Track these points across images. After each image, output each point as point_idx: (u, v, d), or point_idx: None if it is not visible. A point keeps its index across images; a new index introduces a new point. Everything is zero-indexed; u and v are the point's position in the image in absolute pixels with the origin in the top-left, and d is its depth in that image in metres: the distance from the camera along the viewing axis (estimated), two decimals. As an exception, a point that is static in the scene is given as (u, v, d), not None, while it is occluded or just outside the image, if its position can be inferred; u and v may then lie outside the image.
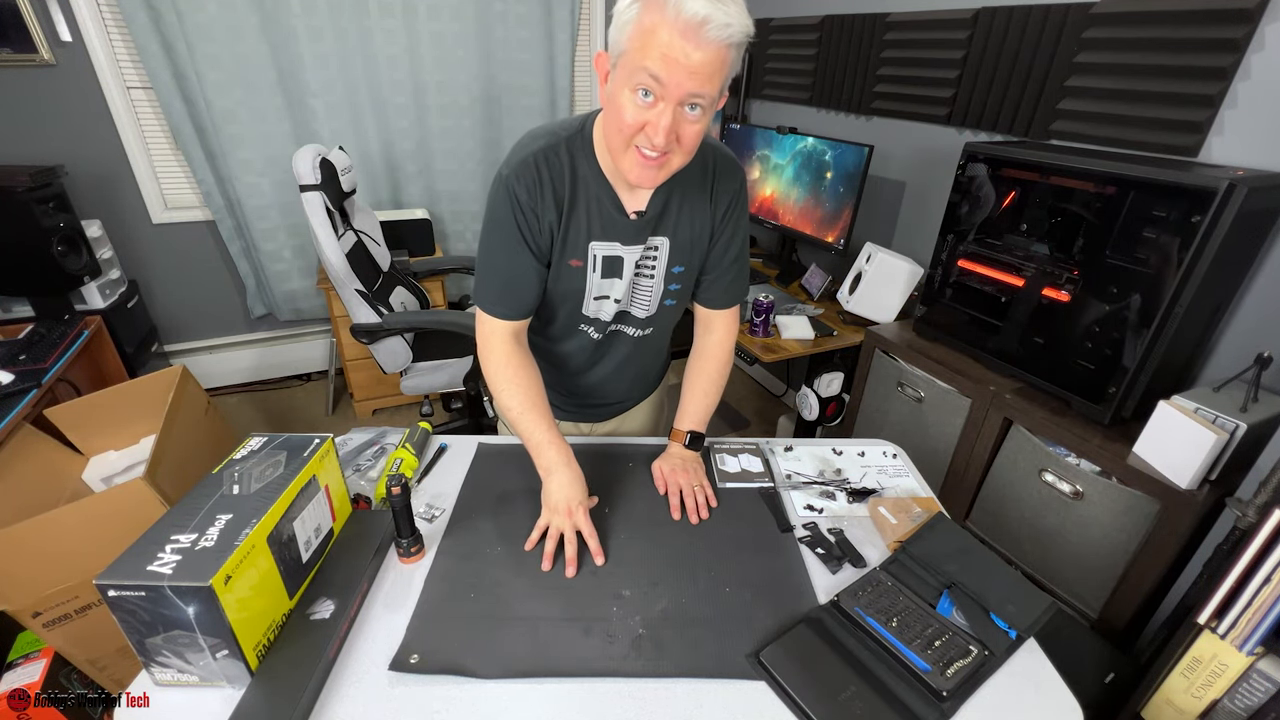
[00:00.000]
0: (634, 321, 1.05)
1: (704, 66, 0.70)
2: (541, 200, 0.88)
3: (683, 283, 1.02)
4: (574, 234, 0.92)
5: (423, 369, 2.09)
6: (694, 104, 0.74)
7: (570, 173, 0.89)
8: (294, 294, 2.85)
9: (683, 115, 0.75)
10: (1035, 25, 1.58)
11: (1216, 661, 1.02)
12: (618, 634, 0.78)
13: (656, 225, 0.94)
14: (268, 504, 0.73)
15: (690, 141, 0.78)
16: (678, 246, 0.97)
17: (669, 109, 0.73)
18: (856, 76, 2.17)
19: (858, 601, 0.83)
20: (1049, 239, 1.39)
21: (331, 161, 1.89)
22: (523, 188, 0.87)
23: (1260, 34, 1.21)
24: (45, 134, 2.28)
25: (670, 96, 0.72)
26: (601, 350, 1.10)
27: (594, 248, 0.93)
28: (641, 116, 0.75)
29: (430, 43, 2.61)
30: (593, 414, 1.23)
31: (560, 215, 0.90)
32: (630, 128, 0.76)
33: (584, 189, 0.90)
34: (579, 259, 0.94)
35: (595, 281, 0.97)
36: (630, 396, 1.23)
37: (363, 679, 0.72)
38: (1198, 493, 1.16)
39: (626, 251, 0.95)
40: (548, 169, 0.88)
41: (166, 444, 1.52)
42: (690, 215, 0.96)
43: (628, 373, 1.15)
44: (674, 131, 0.75)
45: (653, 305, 1.03)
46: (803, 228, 2.28)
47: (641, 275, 0.98)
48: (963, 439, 1.61)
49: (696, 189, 0.94)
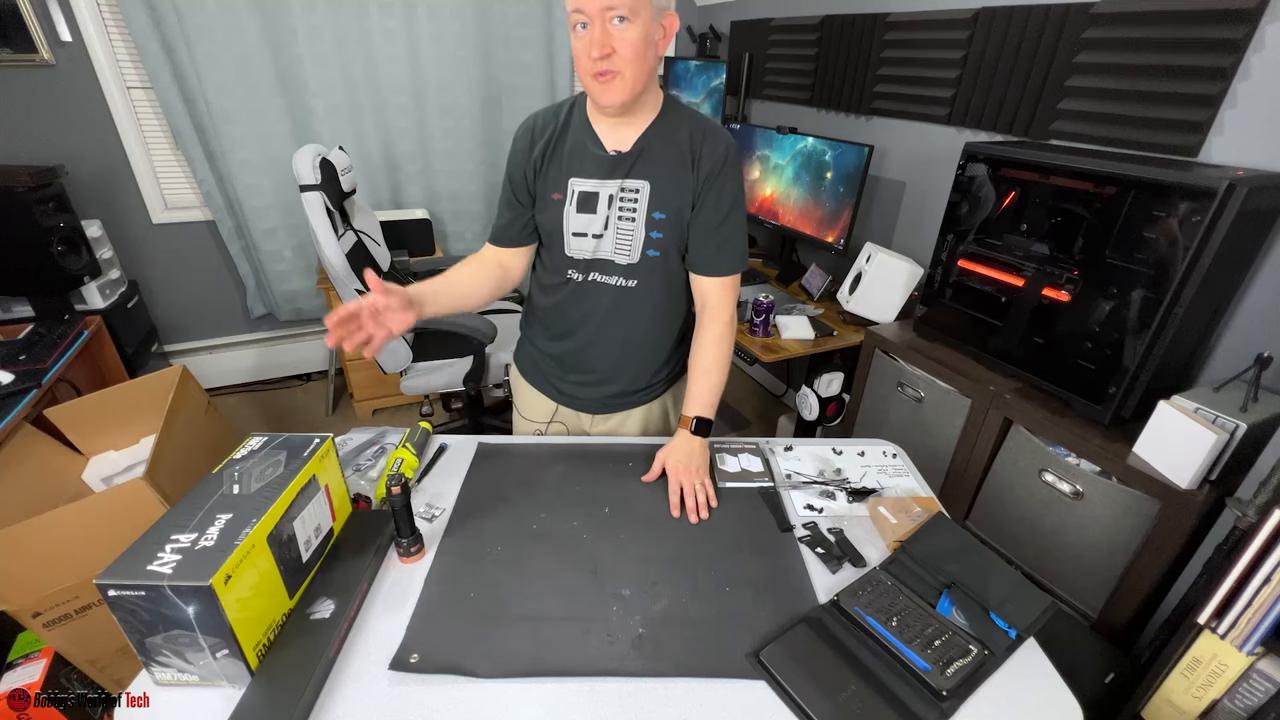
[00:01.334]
0: (616, 270, 1.08)
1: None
2: (531, 143, 1.06)
3: (665, 232, 1.05)
4: (555, 169, 1.05)
5: (423, 369, 2.09)
6: (618, 16, 0.87)
7: (563, 121, 1.05)
8: (294, 294, 2.85)
9: (610, 29, 0.88)
10: (1035, 25, 1.58)
11: (1216, 661, 1.02)
12: (618, 634, 0.78)
13: (635, 165, 1.02)
14: (268, 504, 0.73)
15: (627, 50, 0.89)
16: (658, 191, 1.03)
17: (596, 24, 0.87)
18: (856, 76, 2.17)
19: (858, 601, 0.83)
20: (1049, 239, 1.39)
21: (331, 161, 1.89)
22: (521, 133, 1.08)
23: (1260, 34, 1.21)
24: (45, 134, 2.28)
25: (593, 17, 0.87)
26: (587, 300, 1.12)
27: (573, 183, 1.05)
28: (584, 44, 0.89)
29: (430, 43, 2.61)
30: (585, 402, 1.23)
31: (545, 151, 1.05)
32: (582, 59, 0.91)
33: (572, 133, 1.05)
34: (559, 193, 1.05)
35: (571, 215, 1.05)
36: (620, 376, 1.19)
37: (363, 679, 0.72)
38: (1198, 493, 1.16)
39: (601, 186, 1.03)
40: (544, 118, 1.07)
41: (166, 444, 1.52)
42: (672, 167, 1.03)
43: (615, 334, 1.14)
44: (606, 44, 0.88)
45: (634, 252, 1.06)
46: (803, 228, 2.28)
47: (623, 218, 1.05)
48: (963, 439, 1.61)
49: (680, 144, 1.03)
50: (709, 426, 1.10)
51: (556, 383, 1.23)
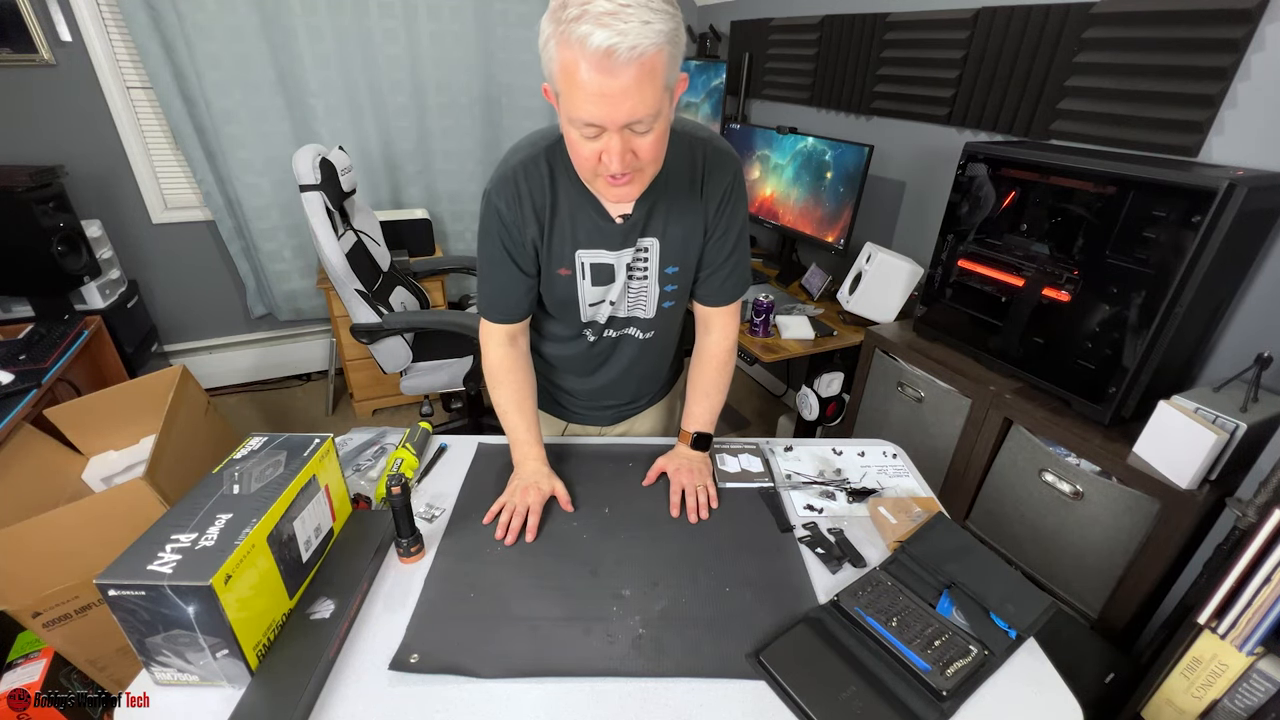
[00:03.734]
0: (638, 324, 1.06)
1: (629, 90, 0.69)
2: (521, 213, 0.91)
3: (678, 283, 1.01)
4: (558, 244, 0.93)
5: (422, 369, 2.09)
6: (638, 124, 0.74)
7: (550, 183, 0.90)
8: (294, 294, 2.85)
9: (631, 136, 0.75)
10: (1035, 25, 1.58)
11: (1216, 661, 1.02)
12: (618, 634, 0.78)
13: (644, 227, 0.94)
14: (268, 504, 0.73)
15: (649, 153, 0.78)
16: (668, 246, 0.96)
17: (615, 137, 0.74)
18: (856, 76, 2.17)
19: (858, 601, 0.83)
20: (1049, 239, 1.39)
21: (331, 161, 1.89)
22: (503, 202, 0.90)
23: (1260, 34, 1.21)
24: (45, 134, 2.28)
25: (612, 127, 0.73)
26: (606, 354, 1.10)
27: (581, 255, 0.94)
28: (594, 149, 0.76)
29: (430, 43, 2.61)
30: (603, 415, 1.23)
31: (542, 227, 0.92)
32: (589, 160, 0.78)
33: (565, 198, 0.91)
34: (567, 268, 0.95)
35: (586, 289, 0.98)
36: (640, 396, 1.23)
37: (363, 679, 0.72)
38: (1198, 493, 1.16)
39: (615, 257, 0.95)
40: (526, 182, 0.89)
41: (166, 444, 1.52)
42: (680, 214, 0.94)
43: (635, 374, 1.15)
44: (628, 153, 0.76)
45: (651, 308, 1.03)
46: (803, 228, 2.28)
47: (634, 278, 0.98)
48: (963, 439, 1.61)
49: (684, 188, 0.93)
50: (709, 440, 1.10)
51: (568, 404, 1.22)
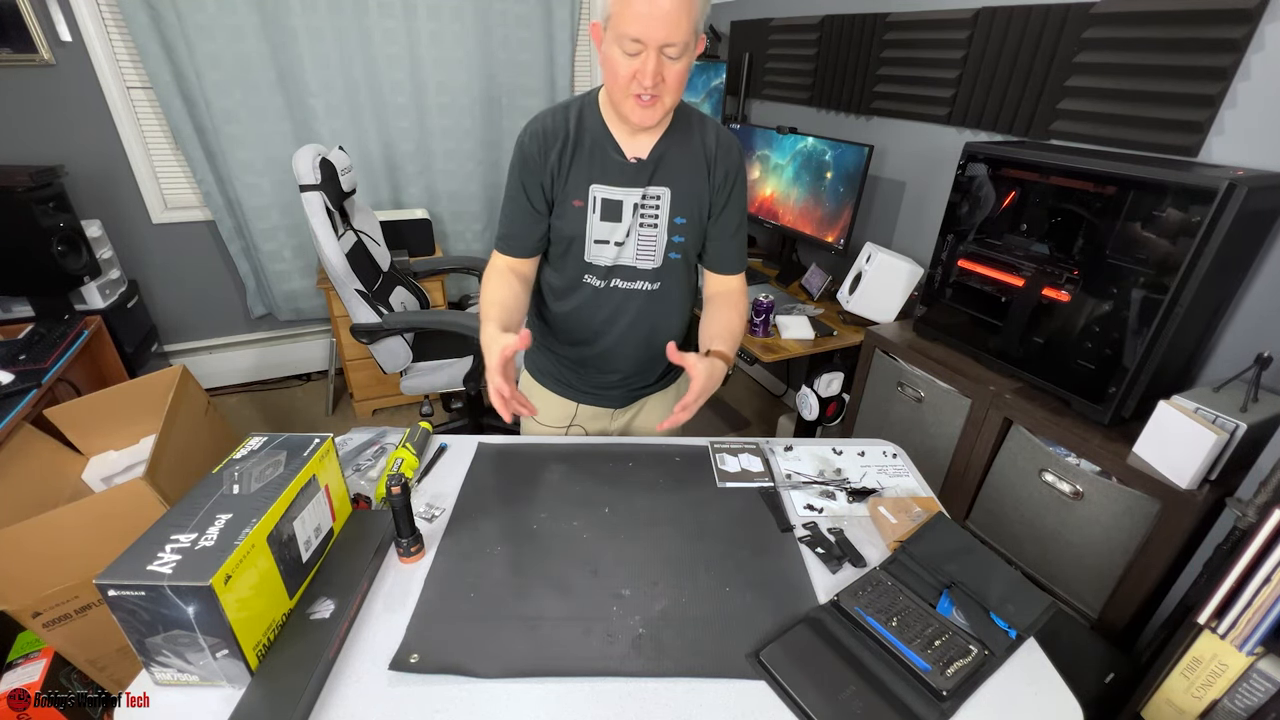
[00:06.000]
0: (641, 275, 1.10)
1: (670, 13, 0.85)
2: (546, 147, 1.02)
3: (686, 236, 1.08)
4: (576, 175, 1.03)
5: (423, 369, 2.09)
6: (671, 48, 0.88)
7: (576, 123, 1.02)
8: (294, 294, 2.85)
9: (664, 61, 0.89)
10: (1035, 25, 1.58)
11: (1216, 661, 1.02)
12: (618, 634, 0.78)
13: (655, 172, 1.03)
14: (268, 504, 0.73)
15: (674, 81, 0.92)
16: (679, 197, 1.05)
17: (651, 55, 0.88)
18: (856, 76, 2.17)
19: (858, 601, 0.83)
20: (1049, 239, 1.39)
21: (331, 161, 1.89)
22: (530, 139, 1.03)
23: (1260, 34, 1.21)
24: (45, 134, 2.28)
25: (651, 46, 0.87)
26: (611, 305, 1.12)
27: (594, 190, 1.04)
28: (631, 66, 0.90)
29: (430, 43, 2.61)
30: (613, 396, 1.24)
31: (563, 157, 1.03)
32: (624, 78, 0.91)
33: (588, 136, 1.03)
34: (580, 199, 1.04)
35: (595, 223, 1.05)
36: (648, 369, 1.22)
37: (363, 679, 0.72)
38: (1198, 493, 1.16)
39: (625, 194, 1.04)
40: (553, 121, 1.03)
41: (166, 444, 1.52)
42: (690, 172, 1.05)
43: (640, 334, 1.16)
44: (659, 74, 0.90)
45: (658, 256, 1.09)
46: (803, 228, 2.28)
47: (645, 225, 1.06)
48: (963, 439, 1.61)
49: (695, 151, 1.05)
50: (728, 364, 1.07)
51: (576, 383, 1.23)
